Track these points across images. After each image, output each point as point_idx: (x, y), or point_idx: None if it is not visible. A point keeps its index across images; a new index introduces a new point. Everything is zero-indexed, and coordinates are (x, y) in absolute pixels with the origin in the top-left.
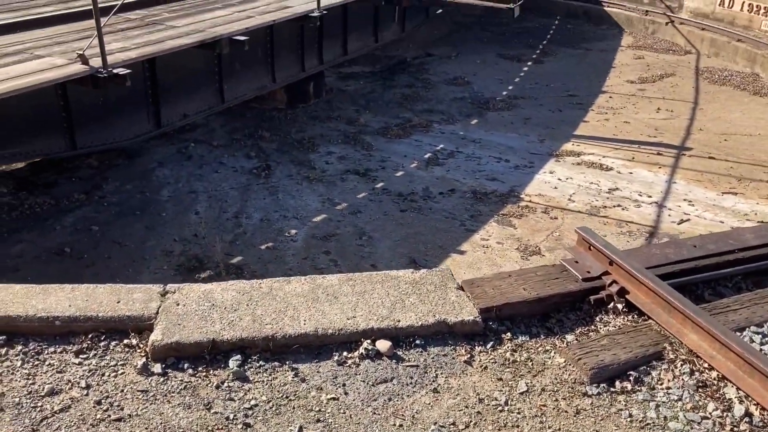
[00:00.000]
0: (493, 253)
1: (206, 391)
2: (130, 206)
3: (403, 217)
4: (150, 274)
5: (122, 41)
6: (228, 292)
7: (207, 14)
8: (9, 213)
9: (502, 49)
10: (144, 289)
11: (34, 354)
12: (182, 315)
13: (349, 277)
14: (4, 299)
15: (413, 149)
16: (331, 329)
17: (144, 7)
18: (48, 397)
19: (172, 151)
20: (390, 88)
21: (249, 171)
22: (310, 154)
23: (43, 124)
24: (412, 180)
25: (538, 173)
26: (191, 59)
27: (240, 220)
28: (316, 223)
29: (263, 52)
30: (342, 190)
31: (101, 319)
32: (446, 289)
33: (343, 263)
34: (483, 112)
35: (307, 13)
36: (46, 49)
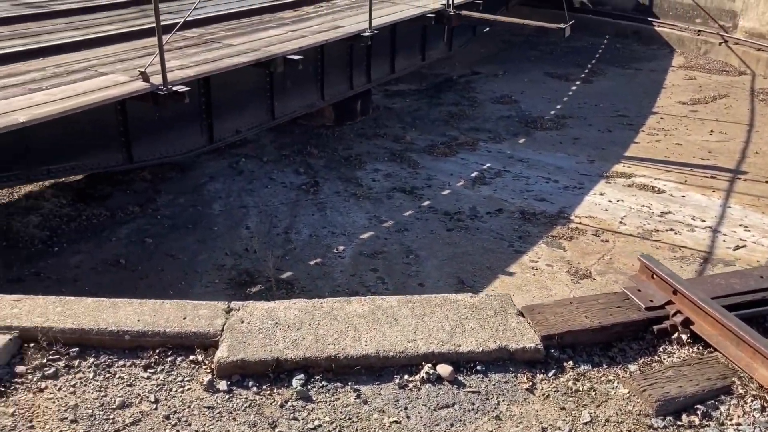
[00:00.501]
0: (543, 275)
1: (270, 409)
2: (183, 219)
3: (450, 236)
4: (202, 288)
5: (181, 59)
6: (290, 311)
7: (262, 33)
8: (68, 224)
9: (549, 68)
10: (209, 305)
11: (105, 367)
12: (246, 333)
13: (408, 299)
14: (76, 312)
15: (460, 168)
16: (392, 351)
17: (201, 26)
18: (119, 410)
19: (223, 166)
20: (436, 106)
21: (298, 187)
22: (357, 171)
23: (102, 138)
24: (459, 199)
25: (588, 195)
26: (244, 76)
27: (289, 235)
28: (364, 240)
29: (313, 70)
30: (388, 208)
31: (168, 335)
32: (506, 314)
33: (391, 281)
34: (530, 131)
35: (359, 33)
36: (109, 66)
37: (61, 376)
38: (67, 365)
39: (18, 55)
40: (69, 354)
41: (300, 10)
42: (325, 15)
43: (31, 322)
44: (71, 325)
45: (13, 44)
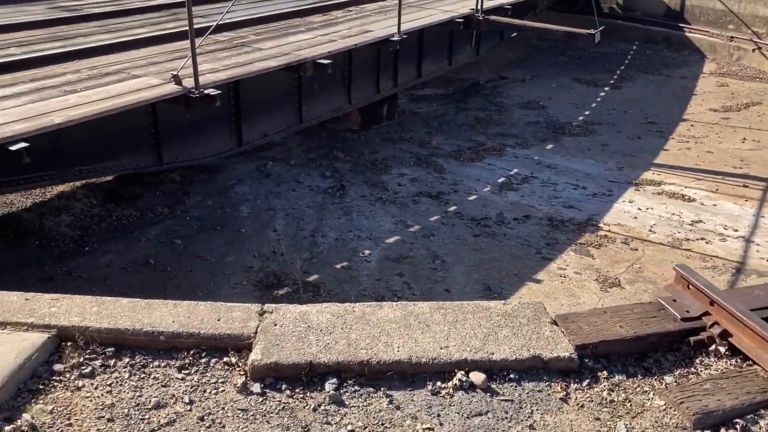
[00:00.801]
0: (571, 283)
1: (303, 413)
2: (211, 221)
3: (477, 242)
4: (230, 289)
5: (212, 62)
6: (323, 315)
7: (291, 37)
8: (99, 224)
9: (578, 74)
10: (243, 308)
11: (140, 367)
12: (280, 335)
13: (440, 306)
14: (112, 312)
15: (486, 173)
16: (424, 358)
17: (232, 30)
18: (154, 410)
19: (251, 169)
20: (463, 110)
21: (324, 190)
22: (383, 176)
23: (133, 140)
24: (486, 204)
25: (617, 202)
26: (273, 80)
27: (316, 238)
28: (389, 244)
29: (341, 75)
30: (414, 213)
31: (203, 336)
32: (540, 323)
33: (417, 286)
34: (558, 137)
35: (387, 37)
36: (142, 69)
37: (97, 375)
38: (104, 365)
39: (54, 58)
40: (105, 353)
41: (329, 15)
42: (353, 20)
43: (68, 321)
44: (107, 325)
45: (49, 47)
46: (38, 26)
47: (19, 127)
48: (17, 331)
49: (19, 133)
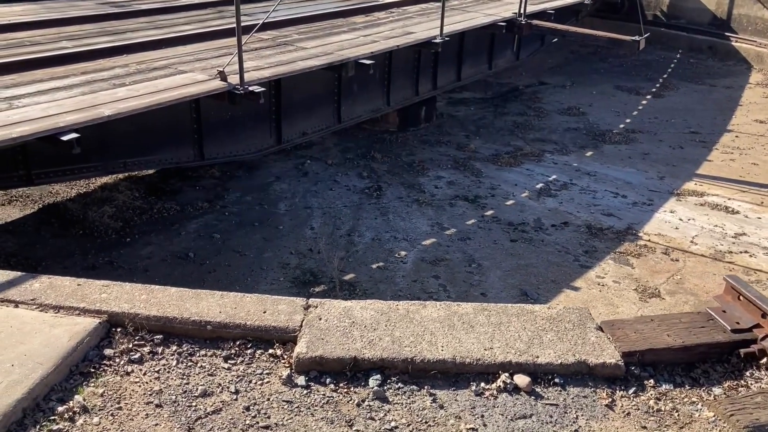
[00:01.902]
0: (609, 291)
1: (347, 407)
2: (250, 217)
3: (514, 247)
4: (267, 285)
5: (256, 60)
6: (367, 311)
7: (334, 37)
8: (140, 216)
9: (619, 81)
10: (288, 301)
11: (187, 355)
12: (325, 330)
13: (483, 307)
14: (161, 301)
15: (524, 178)
16: (468, 358)
17: (275, 28)
18: (201, 398)
19: (289, 167)
20: (501, 115)
21: (361, 190)
22: (420, 178)
23: (176, 134)
24: (523, 210)
25: (658, 212)
26: (313, 79)
27: (352, 237)
28: (426, 246)
29: (380, 76)
30: (451, 216)
31: (249, 328)
32: (585, 328)
33: (453, 289)
34: (598, 145)
35: (430, 39)
36: (188, 65)
37: (146, 361)
38: (152, 351)
39: (103, 52)
40: (153, 341)
41: (372, 16)
42: (396, 21)
43: (118, 308)
44: (156, 312)
45: (99, 41)
46: (88, 21)
47: (70, 118)
48: (70, 315)
49: (71, 123)
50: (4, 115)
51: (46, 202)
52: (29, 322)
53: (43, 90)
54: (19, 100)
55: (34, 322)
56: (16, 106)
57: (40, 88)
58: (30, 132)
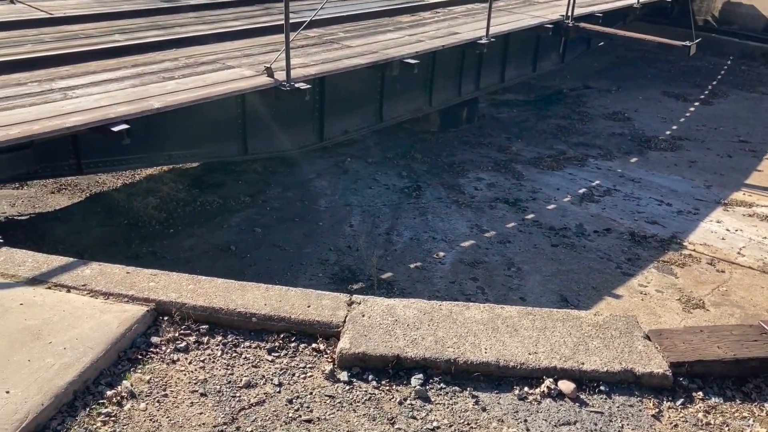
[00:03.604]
0: (652, 301)
1: (389, 405)
2: (290, 213)
3: (555, 252)
4: (306, 280)
5: (302, 57)
6: (410, 310)
7: (380, 36)
8: (184, 208)
9: (666, 87)
10: (332, 296)
11: (232, 346)
12: (368, 327)
13: (528, 311)
14: (207, 291)
15: (567, 183)
16: (512, 362)
17: (322, 26)
18: (245, 389)
19: (329, 164)
20: (544, 118)
21: (400, 190)
22: (460, 179)
23: (221, 129)
24: (565, 215)
25: (704, 221)
26: (357, 78)
27: (391, 236)
28: (464, 248)
29: (423, 75)
30: (491, 218)
31: (293, 321)
32: (632, 336)
33: (491, 292)
34: (644, 151)
35: (475, 40)
36: (236, 60)
37: (191, 350)
38: (198, 341)
39: (154, 45)
40: (199, 330)
41: (417, 15)
42: (441, 21)
43: (166, 297)
44: (202, 303)
45: (150, 35)
46: (140, 15)
47: (121, 109)
48: (119, 302)
49: (122, 114)
50: (59, 105)
51: (93, 191)
52: (81, 307)
53: (95, 81)
54: (73, 91)
55: (85, 307)
56: (70, 97)
57: (93, 80)
58: (82, 122)
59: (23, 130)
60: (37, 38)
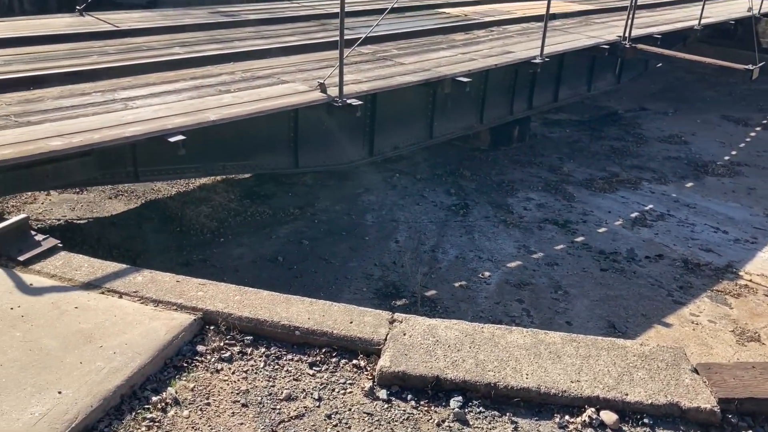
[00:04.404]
0: (704, 331)
1: (427, 426)
2: (338, 226)
3: (604, 276)
4: (350, 294)
5: (355, 74)
6: (451, 331)
7: (432, 54)
8: (234, 217)
9: (727, 111)
10: (374, 314)
11: (274, 358)
12: (408, 346)
13: (572, 338)
14: (253, 303)
15: (619, 206)
16: (553, 389)
17: (375, 43)
18: (285, 402)
19: (378, 179)
20: (598, 139)
21: (448, 207)
22: (509, 198)
23: (273, 141)
24: (616, 238)
25: (762, 251)
26: (408, 94)
27: (436, 254)
28: (511, 269)
29: (475, 93)
30: (539, 239)
31: (335, 336)
32: (679, 369)
33: (537, 315)
34: (700, 176)
35: (529, 59)
36: (290, 75)
37: (235, 360)
38: (241, 351)
39: (212, 59)
40: (244, 341)
41: (471, 34)
42: (495, 40)
43: (213, 306)
44: (248, 314)
45: (208, 48)
46: (199, 29)
47: (178, 120)
48: (168, 310)
49: (178, 126)
50: (119, 115)
51: (149, 198)
52: (131, 313)
53: (155, 93)
54: (134, 102)
55: (136, 313)
56: (131, 107)
57: (153, 91)
58: (141, 132)
59: (85, 139)
60: (102, 50)
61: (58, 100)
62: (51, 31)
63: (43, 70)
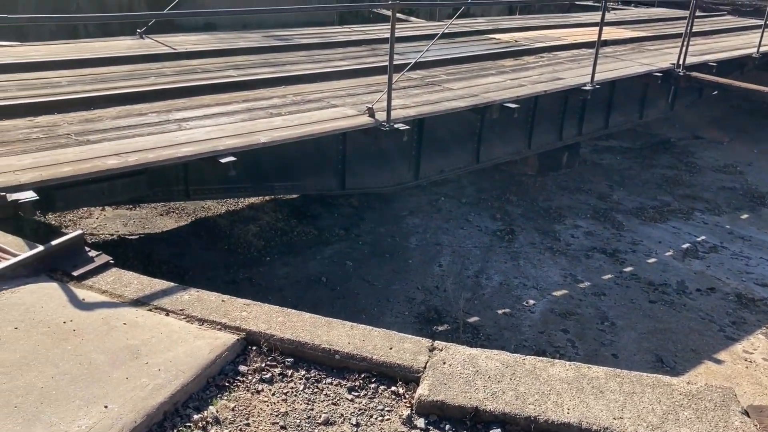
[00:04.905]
0: (758, 370)
1: None
2: (381, 248)
3: (652, 308)
4: (392, 317)
5: (403, 98)
6: (492, 361)
7: (481, 79)
8: (281, 237)
9: None
10: (414, 340)
11: (314, 381)
12: (448, 375)
13: (616, 373)
14: (295, 325)
15: (670, 236)
16: (595, 425)
17: (424, 68)
18: (323, 426)
19: (423, 202)
20: (649, 167)
21: (492, 232)
22: (556, 225)
23: (321, 163)
24: (666, 270)
25: None
26: (455, 118)
27: (480, 280)
28: (556, 297)
29: (523, 118)
30: (586, 268)
31: (374, 362)
32: (728, 410)
33: (582, 346)
34: (756, 207)
35: (579, 86)
36: (340, 99)
37: (275, 382)
38: (282, 373)
39: (264, 82)
40: (285, 363)
41: (521, 60)
42: (545, 66)
43: (256, 327)
44: (290, 336)
45: (261, 71)
46: (254, 52)
47: (230, 142)
48: (212, 329)
49: (230, 147)
50: (173, 136)
51: (199, 216)
52: (177, 331)
53: (208, 114)
54: (187, 123)
55: (181, 331)
56: (184, 128)
57: (206, 113)
58: (193, 153)
59: (140, 158)
60: (159, 71)
61: (116, 120)
62: (112, 53)
63: (103, 91)
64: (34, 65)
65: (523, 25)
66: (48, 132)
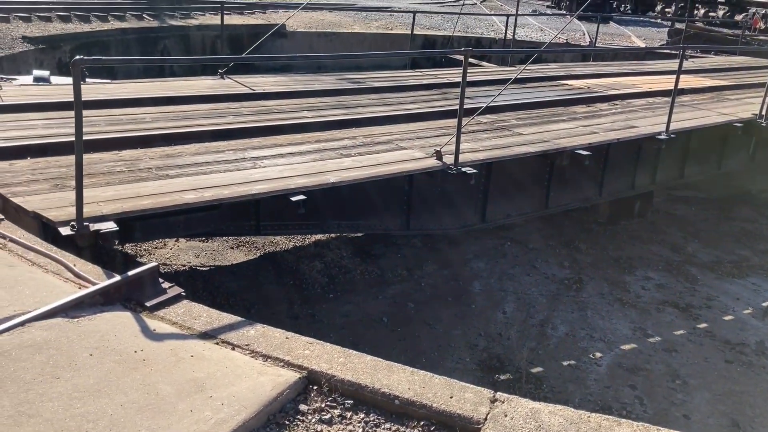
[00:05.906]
0: None
1: None
2: (444, 291)
3: (728, 369)
4: (452, 363)
5: (472, 142)
6: (555, 417)
7: (552, 125)
8: (345, 275)
9: None
10: (475, 390)
11: (373, 426)
12: (509, 428)
13: None
14: (356, 366)
15: (749, 293)
16: None
17: (494, 113)
18: None
19: (488, 246)
20: (727, 219)
21: (560, 280)
22: (626, 276)
23: (387, 203)
24: (744, 328)
25: None
26: (524, 164)
27: (545, 329)
28: (624, 351)
29: (595, 165)
30: (656, 322)
31: (434, 410)
32: None
33: (650, 404)
34: None
35: (653, 135)
36: (408, 141)
37: (334, 423)
38: (341, 415)
39: (336, 123)
40: (344, 405)
41: (593, 107)
42: (618, 113)
43: (318, 366)
44: (350, 377)
45: (334, 113)
46: (327, 94)
47: (301, 181)
48: (275, 366)
49: (301, 186)
50: (247, 173)
51: (267, 250)
52: (241, 366)
53: (282, 153)
54: (262, 161)
55: (245, 366)
56: (259, 166)
57: (280, 152)
58: (266, 190)
59: (215, 194)
60: (237, 111)
61: (195, 156)
62: (194, 92)
63: (184, 128)
64: (122, 102)
65: (597, 71)
66: (131, 165)
